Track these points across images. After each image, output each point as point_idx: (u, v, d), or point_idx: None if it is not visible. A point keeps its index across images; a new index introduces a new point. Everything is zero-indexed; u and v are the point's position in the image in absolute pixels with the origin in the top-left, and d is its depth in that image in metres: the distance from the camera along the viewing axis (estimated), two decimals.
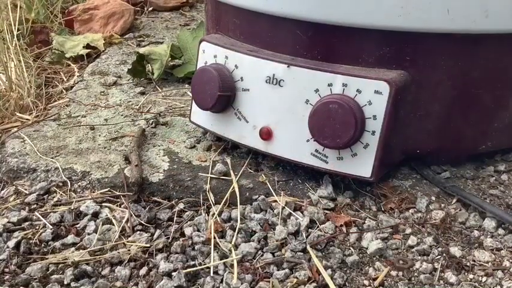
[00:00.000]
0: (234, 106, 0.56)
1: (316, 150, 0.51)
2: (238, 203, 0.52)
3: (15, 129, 0.67)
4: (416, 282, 0.43)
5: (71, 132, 0.66)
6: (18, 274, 0.44)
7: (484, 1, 0.46)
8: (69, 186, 0.56)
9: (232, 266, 0.45)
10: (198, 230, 0.49)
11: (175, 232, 0.49)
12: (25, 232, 0.50)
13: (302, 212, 0.51)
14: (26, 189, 0.56)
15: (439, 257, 0.45)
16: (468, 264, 0.45)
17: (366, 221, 0.50)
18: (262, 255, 0.46)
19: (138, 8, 1.25)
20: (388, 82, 0.46)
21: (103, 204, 0.53)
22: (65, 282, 0.44)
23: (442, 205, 0.52)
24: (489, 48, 0.50)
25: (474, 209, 0.51)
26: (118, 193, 0.54)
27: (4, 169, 0.58)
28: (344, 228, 0.49)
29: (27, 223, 0.51)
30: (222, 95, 0.54)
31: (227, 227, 0.49)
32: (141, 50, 0.82)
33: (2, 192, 0.56)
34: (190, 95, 0.69)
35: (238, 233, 0.48)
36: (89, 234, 0.49)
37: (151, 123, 0.67)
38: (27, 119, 0.70)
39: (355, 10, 0.47)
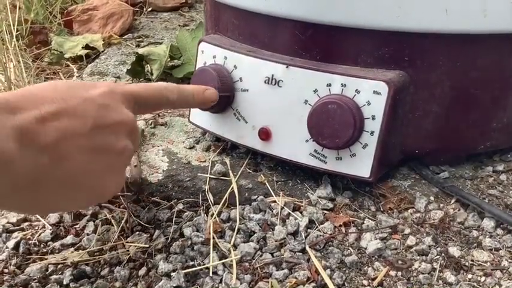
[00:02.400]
0: (233, 106, 0.56)
1: (315, 151, 0.51)
2: (238, 203, 0.52)
3: None
4: (415, 282, 0.43)
5: None
6: (18, 274, 0.45)
7: (483, 1, 0.46)
8: None
9: (231, 266, 0.45)
10: (197, 230, 0.49)
11: (175, 232, 0.49)
12: (24, 233, 0.50)
13: (301, 212, 0.51)
14: None
15: (438, 257, 0.46)
16: (467, 264, 0.45)
17: (364, 221, 0.50)
18: (261, 256, 0.46)
19: (137, 9, 1.25)
20: (386, 82, 0.46)
21: (102, 204, 0.53)
22: (64, 283, 0.44)
23: (441, 205, 0.52)
24: (488, 48, 0.50)
25: (473, 209, 0.51)
26: (117, 193, 0.54)
27: None
28: (343, 229, 0.49)
29: (26, 223, 0.51)
30: (221, 96, 0.54)
31: (226, 227, 0.49)
32: (140, 51, 0.82)
33: None
34: None
35: (237, 233, 0.49)
36: (88, 234, 0.49)
37: (151, 124, 0.67)
38: None
39: (353, 11, 0.47)
